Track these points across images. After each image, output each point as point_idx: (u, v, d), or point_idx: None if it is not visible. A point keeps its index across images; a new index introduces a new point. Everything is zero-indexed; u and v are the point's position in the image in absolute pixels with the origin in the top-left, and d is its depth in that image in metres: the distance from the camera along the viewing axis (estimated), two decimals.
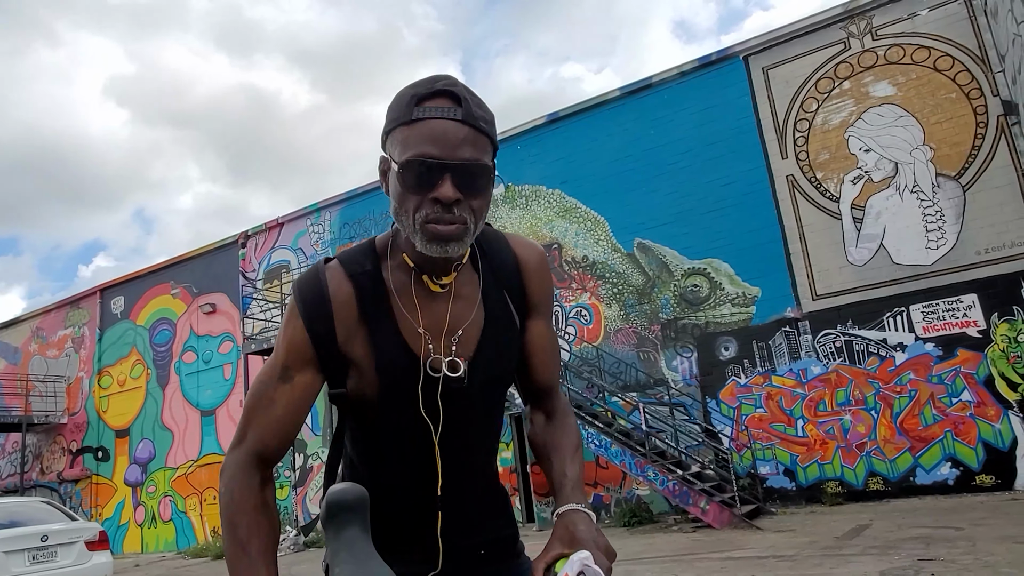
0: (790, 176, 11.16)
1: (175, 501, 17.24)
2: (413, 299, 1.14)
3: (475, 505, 1.23)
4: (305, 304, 1.11)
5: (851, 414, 10.09)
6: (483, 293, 1.19)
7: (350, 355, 1.12)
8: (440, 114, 1.02)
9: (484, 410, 1.21)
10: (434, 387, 1.12)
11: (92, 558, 7.80)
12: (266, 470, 1.12)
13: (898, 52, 10.61)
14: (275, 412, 1.11)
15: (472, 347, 1.16)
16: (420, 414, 1.12)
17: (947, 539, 6.14)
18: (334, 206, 16.29)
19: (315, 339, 1.10)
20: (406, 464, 1.17)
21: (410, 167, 1.03)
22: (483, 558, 1.23)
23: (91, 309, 20.41)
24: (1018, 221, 9.45)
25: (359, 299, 1.13)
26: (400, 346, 1.12)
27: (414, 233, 1.06)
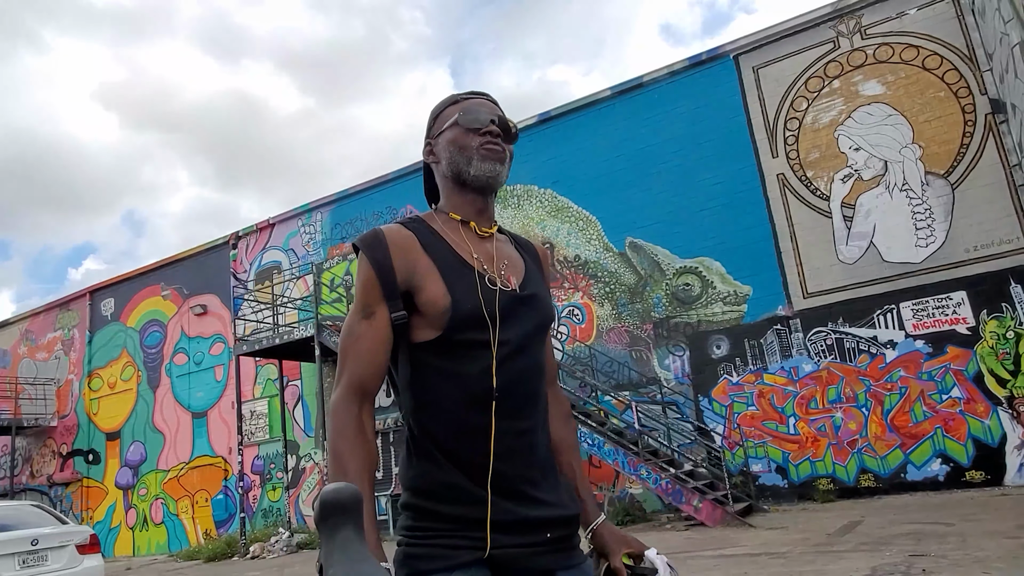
0: (781, 175, 11.21)
1: (167, 504, 17.15)
2: (463, 239, 1.35)
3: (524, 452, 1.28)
4: (368, 248, 1.30)
5: (842, 411, 10.14)
6: (519, 252, 1.44)
7: (414, 282, 1.27)
8: (477, 96, 1.43)
9: (533, 332, 1.34)
10: (491, 298, 1.27)
11: (83, 562, 7.75)
12: (364, 400, 1.26)
13: (887, 51, 10.67)
14: (364, 345, 1.26)
15: (520, 275, 1.37)
16: (482, 316, 1.25)
17: (938, 535, 6.18)
18: (325, 207, 16.25)
19: (380, 274, 1.27)
20: (465, 379, 1.25)
21: (467, 113, 1.37)
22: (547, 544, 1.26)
23: (81, 311, 20.27)
24: (1006, 219, 9.52)
25: (417, 238, 1.32)
26: (459, 262, 1.30)
27: (472, 161, 1.34)
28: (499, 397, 1.24)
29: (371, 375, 1.26)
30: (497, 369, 1.25)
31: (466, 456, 1.24)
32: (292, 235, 16.67)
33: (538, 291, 1.37)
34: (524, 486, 1.26)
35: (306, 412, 15.31)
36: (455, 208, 1.38)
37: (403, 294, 1.26)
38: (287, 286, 15.97)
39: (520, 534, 1.23)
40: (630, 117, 12.66)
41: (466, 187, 1.37)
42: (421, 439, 1.27)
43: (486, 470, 1.22)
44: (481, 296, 1.26)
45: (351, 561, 0.95)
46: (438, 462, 1.24)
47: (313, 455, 14.78)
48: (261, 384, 16.12)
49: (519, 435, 1.27)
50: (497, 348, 1.25)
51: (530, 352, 1.32)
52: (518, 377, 1.28)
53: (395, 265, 1.27)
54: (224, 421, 16.31)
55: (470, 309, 1.24)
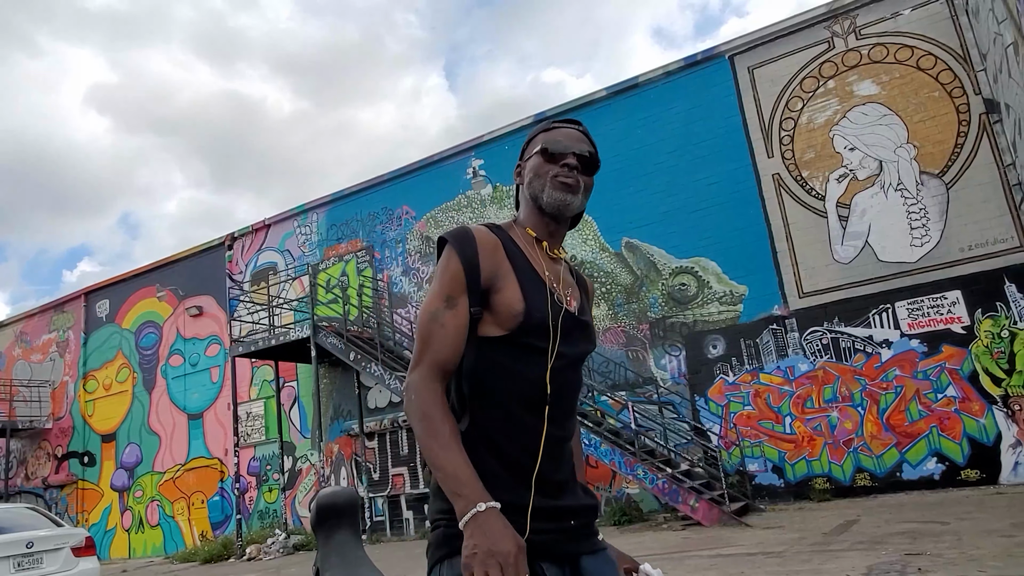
0: (776, 175, 11.23)
1: (162, 505, 17.11)
2: (537, 256, 1.47)
3: (562, 457, 1.41)
4: (459, 243, 1.40)
5: (838, 411, 10.17)
6: (575, 282, 1.57)
7: (495, 282, 1.38)
8: (568, 125, 1.56)
9: (582, 354, 1.47)
10: (557, 313, 1.39)
11: (79, 564, 7.72)
12: (444, 380, 1.35)
13: (881, 51, 10.70)
14: (447, 331, 1.35)
15: (579, 301, 1.50)
16: (548, 327, 1.37)
17: (933, 534, 6.20)
18: (321, 207, 16.23)
19: (467, 269, 1.37)
20: (523, 381, 1.36)
21: (551, 143, 1.50)
22: (573, 531, 1.38)
23: (76, 313, 20.21)
24: (1000, 218, 9.56)
25: (502, 244, 1.43)
26: (535, 274, 1.43)
27: (544, 189, 1.47)
28: (552, 402, 1.36)
29: (451, 357, 1.35)
30: (551, 377, 1.36)
31: (513, 452, 1.34)
32: (288, 236, 16.64)
33: (590, 320, 1.53)
34: (557, 482, 1.38)
35: (302, 413, 15.29)
36: (532, 226, 1.51)
37: (483, 291, 1.38)
38: (283, 287, 15.95)
39: (551, 521, 1.34)
40: (626, 117, 12.68)
41: (542, 211, 1.49)
42: (475, 428, 1.35)
43: (531, 466, 1.33)
44: (549, 309, 1.38)
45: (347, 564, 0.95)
46: (481, 453, 1.32)
47: (309, 456, 14.76)
48: (257, 385, 16.09)
49: (559, 440, 1.39)
50: (554, 358, 1.37)
51: (576, 369, 1.46)
52: (567, 388, 1.41)
53: (481, 264, 1.38)
54: (220, 423, 16.27)
55: (540, 318, 1.36)
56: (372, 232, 15.27)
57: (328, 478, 14.06)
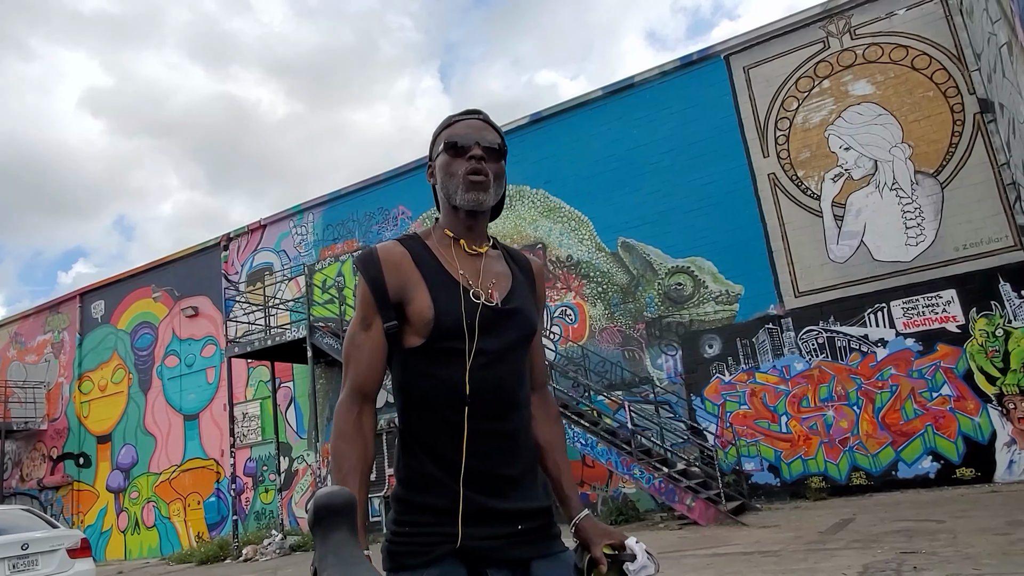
0: (772, 174, 11.25)
1: (158, 507, 17.06)
2: (453, 257, 1.46)
3: (502, 453, 1.39)
4: (363, 267, 1.43)
5: (834, 410, 10.19)
6: (509, 268, 1.54)
7: (405, 295, 1.40)
8: (468, 117, 1.53)
9: (513, 344, 1.44)
10: (472, 312, 1.38)
11: (74, 566, 7.70)
12: (364, 402, 1.40)
13: (876, 51, 10.73)
14: (364, 353, 1.41)
15: (505, 290, 1.47)
16: (462, 328, 1.36)
17: (929, 532, 6.22)
18: (317, 208, 16.21)
19: (374, 288, 1.40)
20: (443, 383, 1.37)
21: (452, 138, 1.48)
22: (521, 535, 1.36)
23: (71, 314, 20.15)
24: (995, 217, 9.59)
25: (411, 255, 1.44)
26: (446, 277, 1.42)
27: (457, 190, 1.45)
28: (472, 401, 1.35)
29: (370, 379, 1.40)
30: (471, 376, 1.36)
31: (442, 451, 1.35)
32: (284, 236, 16.61)
33: (522, 305, 1.47)
34: (498, 483, 1.36)
35: (298, 414, 15.27)
36: (449, 225, 1.51)
37: (396, 305, 1.40)
38: (279, 287, 15.92)
39: (491, 525, 1.33)
40: (622, 117, 12.69)
41: (457, 210, 1.48)
42: (407, 435, 1.40)
43: (459, 466, 1.34)
44: (463, 309, 1.38)
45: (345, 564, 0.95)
46: (419, 456, 1.37)
47: (306, 457, 14.74)
48: (253, 386, 16.06)
49: (495, 436, 1.38)
50: (473, 357, 1.37)
51: (509, 361, 1.42)
52: (494, 384, 1.38)
53: (387, 280, 1.40)
54: (216, 423, 16.24)
55: (451, 321, 1.36)
56: (368, 232, 15.25)
57: (324, 479, 14.04)
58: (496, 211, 1.59)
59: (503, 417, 1.39)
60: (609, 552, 1.37)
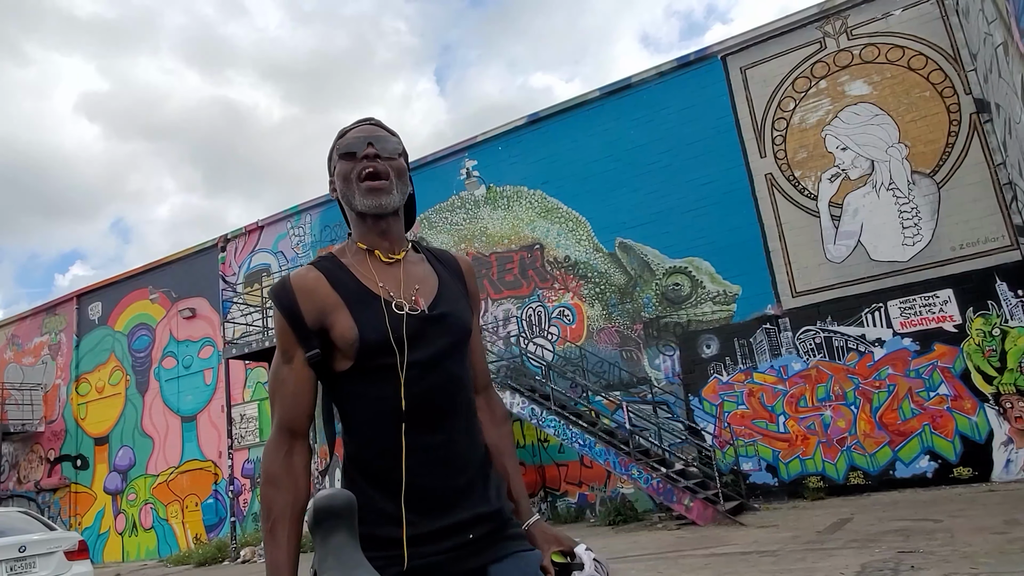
0: (769, 175, 11.27)
1: (156, 509, 17.03)
2: (370, 269, 1.39)
3: (445, 465, 1.32)
4: (276, 298, 1.36)
5: (831, 409, 10.21)
6: (434, 269, 1.47)
7: (325, 320, 1.33)
8: (360, 124, 1.47)
9: (447, 350, 1.36)
10: (398, 324, 1.32)
11: (72, 568, 7.69)
12: (293, 440, 1.33)
13: (873, 51, 10.75)
14: (288, 388, 1.34)
15: (431, 295, 1.40)
16: (389, 343, 1.29)
17: (926, 531, 6.23)
18: (314, 209, 16.19)
19: (289, 319, 1.34)
20: (379, 402, 1.30)
21: (344, 146, 1.42)
22: (472, 544, 1.30)
23: (68, 315, 20.10)
24: (991, 217, 9.61)
25: (326, 277, 1.37)
26: (365, 293, 1.35)
27: (355, 194, 1.39)
28: (409, 416, 1.29)
29: (298, 415, 1.34)
30: (406, 390, 1.30)
31: (382, 475, 1.29)
32: (281, 237, 16.60)
33: (451, 308, 1.40)
34: (445, 496, 1.30)
35: None
36: (360, 237, 1.43)
37: (318, 332, 1.33)
38: None
39: (438, 542, 1.27)
40: (619, 118, 12.70)
41: (363, 216, 1.41)
42: (347, 463, 1.35)
43: (399, 485, 1.28)
44: (388, 324, 1.31)
45: (344, 566, 0.95)
46: (359, 484, 1.30)
47: None
48: (251, 387, 16.04)
49: (435, 448, 1.31)
50: (406, 370, 1.30)
51: (444, 368, 1.35)
52: (430, 394, 1.32)
53: (303, 309, 1.33)
54: (214, 425, 16.21)
55: (376, 337, 1.30)
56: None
57: (322, 480, 14.03)
58: (409, 216, 1.52)
59: (442, 428, 1.33)
60: (559, 560, 1.31)
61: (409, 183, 1.45)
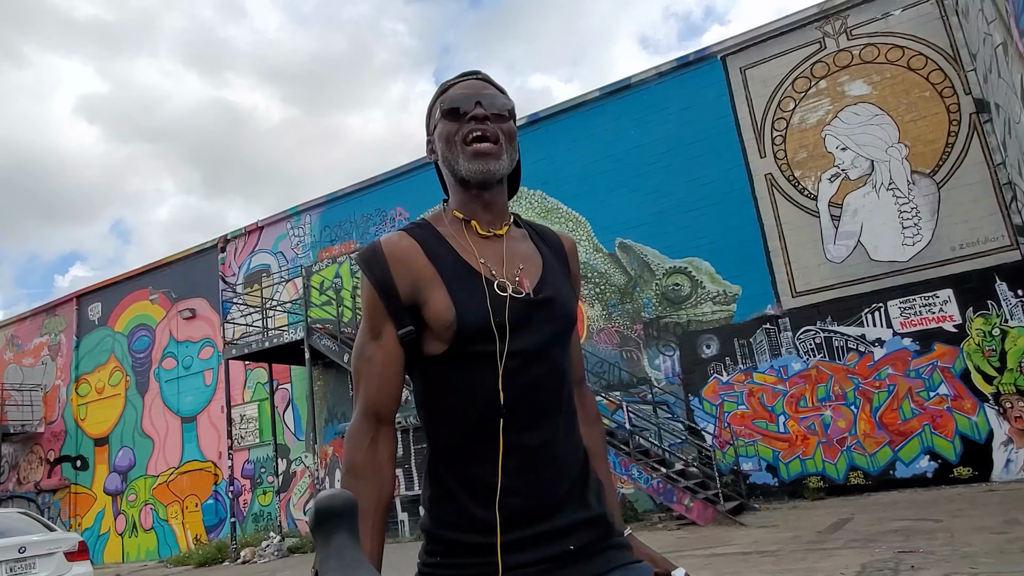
0: (768, 175, 11.27)
1: (156, 509, 17.03)
2: (468, 242, 1.25)
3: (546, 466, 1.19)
4: (367, 266, 1.23)
5: (831, 409, 10.21)
6: (537, 247, 1.33)
7: (419, 295, 1.20)
8: (466, 78, 1.32)
9: (551, 339, 1.23)
10: (500, 307, 1.18)
11: (72, 568, 7.70)
12: (380, 426, 1.20)
13: (873, 51, 10.76)
14: (375, 368, 1.21)
15: (536, 277, 1.26)
16: (489, 328, 1.16)
17: (926, 531, 6.23)
18: (314, 209, 16.20)
19: (381, 291, 1.20)
20: (474, 394, 1.18)
21: (448, 102, 1.27)
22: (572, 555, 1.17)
23: (68, 316, 20.10)
24: (991, 217, 9.62)
25: (421, 246, 1.24)
26: (465, 270, 1.21)
27: (459, 158, 1.24)
28: (508, 411, 1.16)
29: (385, 398, 1.20)
30: (506, 382, 1.16)
31: (474, 472, 1.17)
32: (281, 238, 16.60)
33: (557, 293, 1.26)
34: (544, 503, 1.17)
35: (296, 415, 15.25)
36: (459, 206, 1.29)
37: (410, 308, 1.20)
38: (276, 289, 15.91)
39: (535, 550, 1.15)
40: (619, 118, 12.70)
41: (466, 183, 1.26)
42: (434, 456, 1.23)
43: (494, 489, 1.15)
44: (489, 306, 1.17)
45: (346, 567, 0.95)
46: (447, 483, 1.19)
47: (304, 459, 14.71)
48: (251, 388, 16.04)
49: (536, 449, 1.18)
50: (506, 360, 1.16)
51: (547, 359, 1.22)
52: (532, 388, 1.19)
53: (396, 280, 1.20)
54: (214, 425, 16.21)
55: (476, 321, 1.16)
56: (366, 233, 15.24)
57: (323, 480, 14.02)
58: (513, 185, 1.38)
59: (544, 426, 1.20)
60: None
61: (517, 148, 1.31)
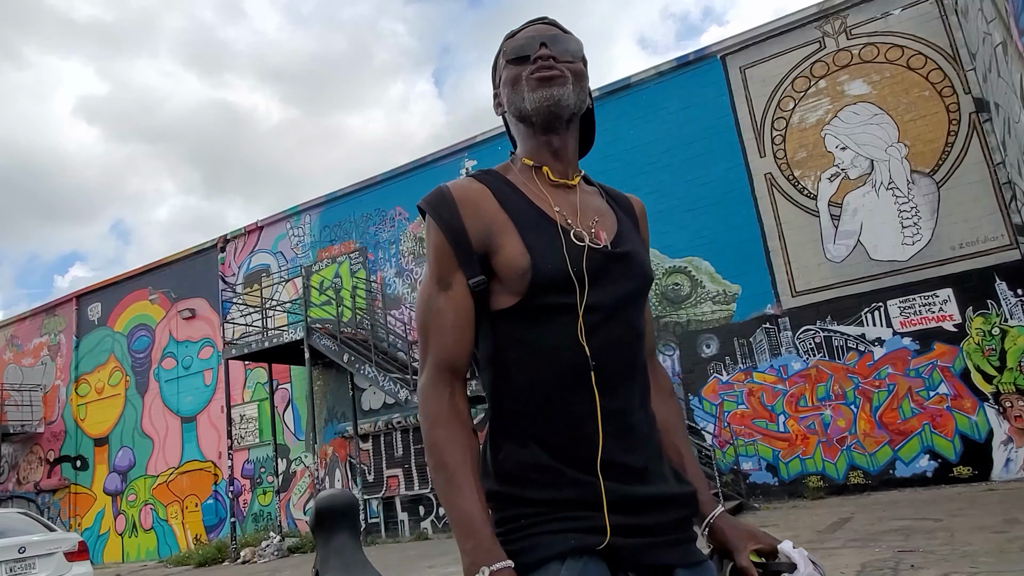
0: (768, 174, 11.27)
1: (156, 509, 17.03)
2: (541, 189, 1.19)
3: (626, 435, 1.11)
4: (435, 211, 1.15)
5: (831, 409, 10.21)
6: (610, 206, 1.26)
7: (491, 242, 1.12)
8: (532, 24, 1.26)
9: (629, 296, 1.16)
10: (577, 257, 1.11)
11: (72, 569, 7.70)
12: (455, 381, 1.11)
13: (872, 51, 10.76)
14: (447, 320, 1.11)
15: (612, 232, 1.19)
16: (568, 277, 1.09)
17: (926, 530, 6.23)
18: (314, 209, 16.19)
19: (452, 237, 1.12)
20: (553, 351, 1.09)
21: (513, 50, 1.22)
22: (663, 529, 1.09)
23: (67, 316, 20.10)
24: (991, 216, 9.62)
25: (492, 191, 1.17)
26: (539, 216, 1.15)
27: (524, 93, 1.18)
28: (596, 367, 1.08)
29: (460, 352, 1.11)
30: (588, 337, 1.08)
31: (559, 440, 1.08)
32: (280, 238, 16.59)
33: (634, 249, 1.20)
34: (632, 471, 1.09)
35: (296, 415, 15.24)
36: (528, 152, 1.23)
37: (480, 257, 1.12)
38: (276, 289, 15.90)
39: (638, 514, 1.07)
40: (618, 118, 12.69)
41: (533, 126, 1.20)
42: (509, 423, 1.13)
43: (594, 449, 1.06)
44: (566, 253, 1.10)
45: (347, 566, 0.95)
46: (525, 443, 1.10)
47: (304, 458, 14.71)
48: (251, 388, 16.04)
49: (620, 413, 1.10)
50: (584, 313, 1.09)
51: (626, 318, 1.14)
52: (612, 348, 1.11)
53: (467, 225, 1.12)
54: (213, 425, 16.21)
55: (552, 269, 1.09)
56: (365, 233, 15.24)
57: (323, 480, 14.03)
58: (586, 141, 1.30)
59: (622, 390, 1.11)
60: (757, 560, 1.11)
61: (589, 96, 1.24)
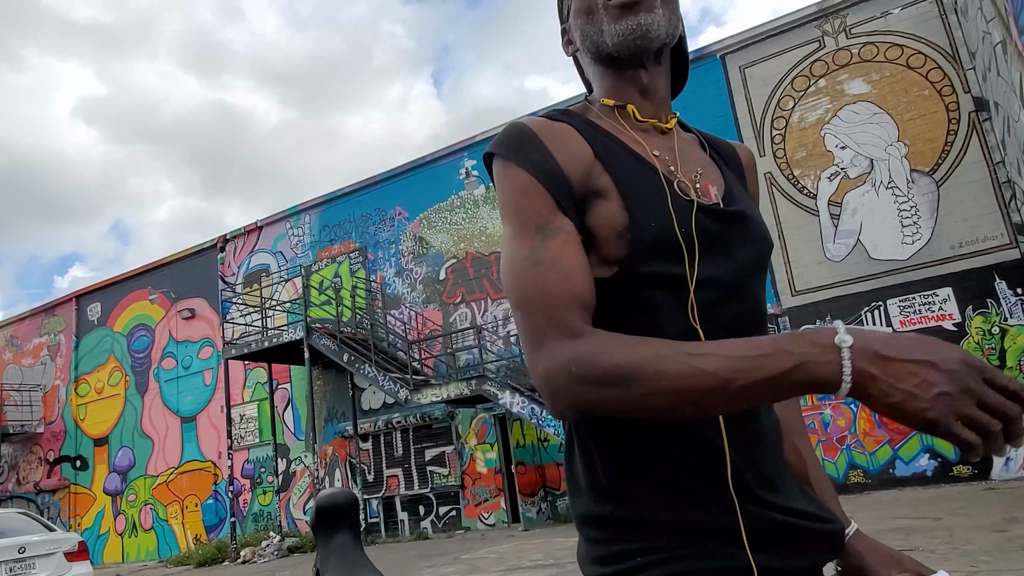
0: (768, 173, 11.27)
1: (156, 509, 17.02)
2: (632, 133, 0.93)
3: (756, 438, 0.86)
4: (517, 152, 0.87)
5: (831, 408, 10.21)
6: (712, 158, 0.99)
7: (587, 189, 0.86)
8: None
9: (749, 267, 0.90)
10: (685, 215, 0.85)
11: (72, 569, 7.69)
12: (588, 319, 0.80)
13: (872, 50, 10.76)
14: (562, 263, 0.80)
15: (721, 185, 0.93)
16: (676, 240, 0.83)
17: (926, 529, 6.23)
18: (313, 209, 16.18)
19: (544, 177, 0.85)
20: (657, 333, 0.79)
21: None
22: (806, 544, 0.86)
23: (67, 316, 20.09)
24: (990, 215, 9.62)
25: (578, 129, 0.91)
26: (636, 162, 0.89)
27: (603, 24, 0.92)
28: None
29: (584, 292, 0.80)
30: (702, 319, 0.83)
31: (674, 450, 0.82)
32: (280, 238, 16.58)
33: (748, 208, 0.93)
34: (764, 482, 0.84)
35: (296, 415, 15.24)
36: (609, 91, 0.97)
37: (576, 205, 0.86)
38: (276, 289, 15.90)
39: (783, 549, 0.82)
40: None
41: (615, 62, 0.94)
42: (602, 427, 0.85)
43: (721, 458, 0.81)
44: (672, 210, 0.84)
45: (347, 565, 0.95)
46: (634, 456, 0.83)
47: (303, 458, 14.71)
48: (250, 388, 16.03)
49: (739, 417, 0.84)
50: (697, 289, 0.83)
51: (747, 295, 0.89)
52: (733, 332, 0.81)
53: (561, 162, 0.86)
54: (213, 425, 16.21)
55: (657, 229, 0.83)
56: (365, 233, 15.23)
57: (322, 480, 14.02)
58: (680, 77, 1.04)
59: None
60: None
61: (681, 19, 0.97)
